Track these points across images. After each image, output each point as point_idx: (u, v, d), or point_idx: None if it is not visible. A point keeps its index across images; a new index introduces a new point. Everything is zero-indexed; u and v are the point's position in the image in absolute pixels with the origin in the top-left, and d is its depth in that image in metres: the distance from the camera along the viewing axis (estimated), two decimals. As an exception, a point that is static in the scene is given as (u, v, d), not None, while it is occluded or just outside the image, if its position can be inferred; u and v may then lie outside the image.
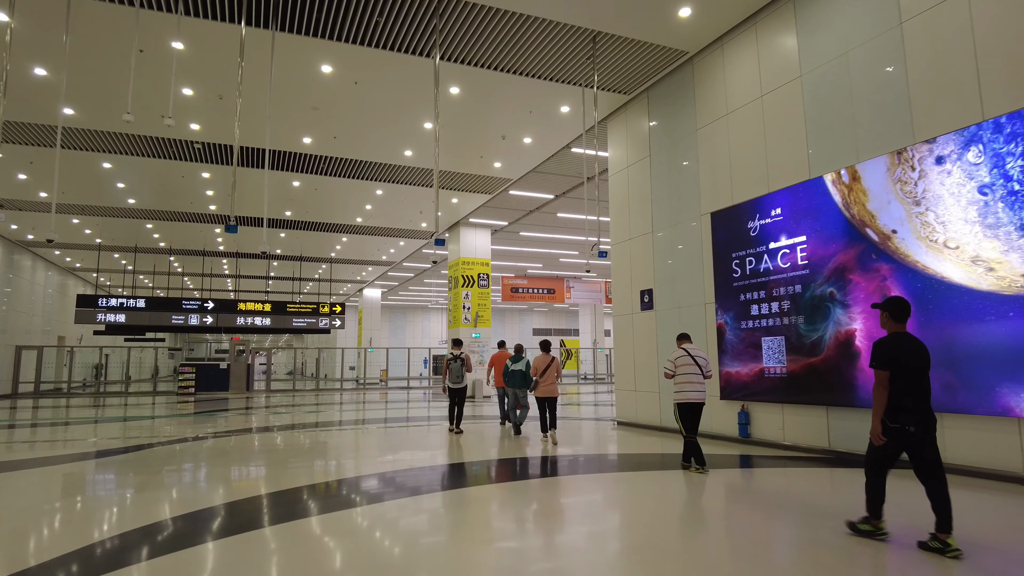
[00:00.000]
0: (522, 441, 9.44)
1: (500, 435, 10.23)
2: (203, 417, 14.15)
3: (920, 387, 4.03)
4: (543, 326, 50.95)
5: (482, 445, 9.16)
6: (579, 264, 28.04)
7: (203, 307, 23.27)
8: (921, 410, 3.99)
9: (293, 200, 17.14)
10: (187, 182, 15.44)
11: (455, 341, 11.20)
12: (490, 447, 8.98)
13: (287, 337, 58.45)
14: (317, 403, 19.06)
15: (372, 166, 14.46)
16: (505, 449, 8.74)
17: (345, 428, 11.73)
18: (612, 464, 7.63)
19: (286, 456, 8.12)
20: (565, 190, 16.43)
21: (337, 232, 21.18)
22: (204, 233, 21.22)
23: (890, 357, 4.06)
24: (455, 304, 20.46)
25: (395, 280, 32.99)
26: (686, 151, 9.94)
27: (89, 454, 8.40)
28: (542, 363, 9.33)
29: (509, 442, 9.40)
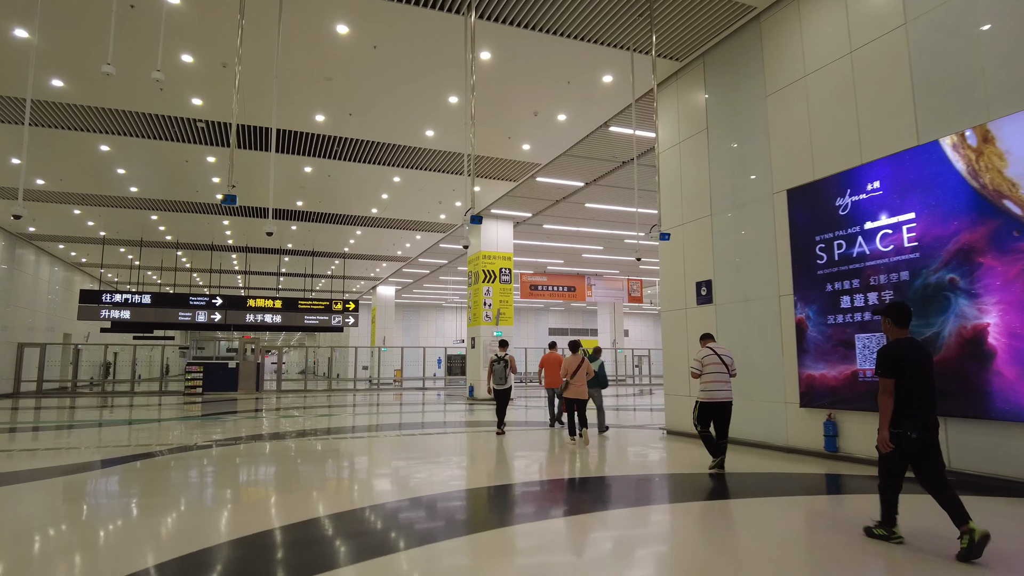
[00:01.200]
0: (605, 448, 8.24)
1: (564, 440, 9.04)
2: (210, 421, 13.04)
3: (925, 393, 4.01)
4: (559, 325, 49.69)
5: (585, 455, 7.96)
6: (602, 260, 26.80)
7: (211, 303, 22.25)
8: (924, 415, 3.98)
9: (305, 188, 16.02)
10: (192, 168, 14.35)
11: (501, 342, 10.73)
12: (589, 459, 7.78)
13: (299, 336, 57.64)
14: (335, 405, 17.94)
15: (390, 149, 13.30)
16: (606, 461, 7.54)
17: (383, 433, 10.57)
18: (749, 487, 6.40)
19: (344, 467, 6.96)
20: (597, 176, 15.19)
21: (351, 224, 20.06)
22: (212, 225, 20.18)
23: (895, 363, 4.03)
24: (475, 301, 19.28)
25: (409, 277, 31.88)
26: (752, 122, 8.69)
27: (80, 466, 7.28)
28: (573, 364, 9.11)
29: (596, 451, 8.20)
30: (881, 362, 4.11)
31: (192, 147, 13.05)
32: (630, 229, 20.59)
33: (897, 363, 4.03)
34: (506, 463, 7.64)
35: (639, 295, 31.19)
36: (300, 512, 5.06)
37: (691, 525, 4.77)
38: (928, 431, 3.97)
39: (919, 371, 4.03)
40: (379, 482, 6.52)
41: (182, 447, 8.77)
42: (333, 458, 7.99)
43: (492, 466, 7.46)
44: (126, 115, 11.44)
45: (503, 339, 10.72)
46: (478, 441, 9.65)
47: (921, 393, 4.00)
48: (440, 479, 6.61)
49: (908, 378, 4.00)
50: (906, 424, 3.99)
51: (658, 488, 6.30)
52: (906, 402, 4.00)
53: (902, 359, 4.04)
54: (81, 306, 20.82)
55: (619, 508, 5.38)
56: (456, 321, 46.48)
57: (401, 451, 8.57)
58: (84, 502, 5.58)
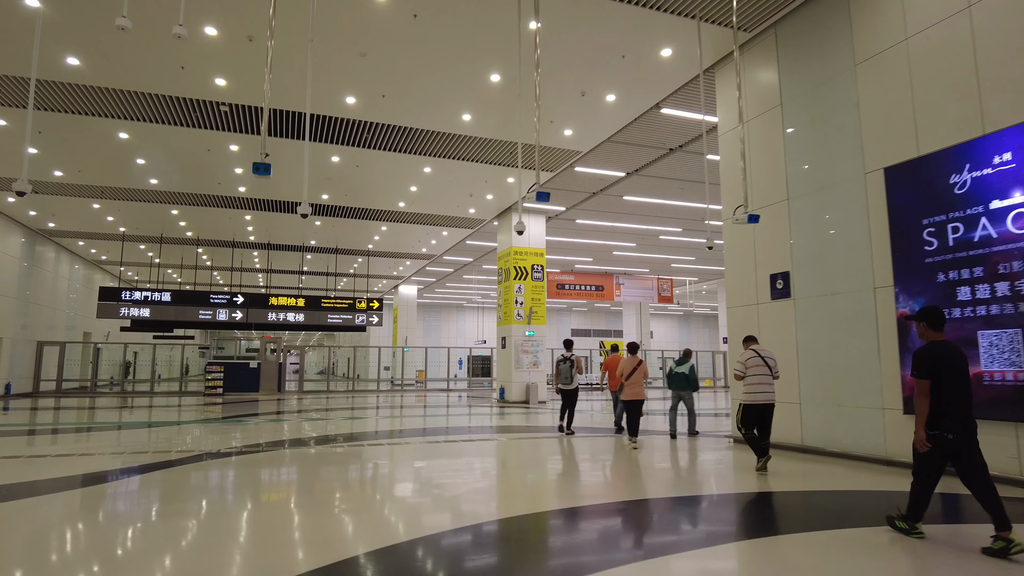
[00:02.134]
0: (722, 462, 7.35)
1: (669, 446, 8.17)
2: (231, 424, 12.32)
3: (960, 394, 4.08)
4: (582, 326, 48.74)
5: (688, 470, 7.08)
6: (633, 258, 25.82)
7: (232, 301, 21.66)
8: (961, 416, 4.04)
9: (331, 180, 15.28)
10: (214, 157, 13.66)
11: (566, 342, 10.70)
12: (700, 474, 6.90)
13: (318, 335, 57.21)
14: (366, 407, 17.18)
15: (422, 136, 12.50)
16: (696, 476, 6.66)
17: (437, 438, 9.76)
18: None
19: (435, 477, 6.15)
20: (639, 166, 14.27)
21: (376, 220, 19.31)
22: (234, 221, 19.54)
23: (931, 366, 4.11)
24: (506, 299, 18.43)
25: (432, 276, 31.13)
26: (838, 95, 7.75)
27: (94, 476, 6.53)
28: (629, 365, 9.04)
29: (711, 464, 7.32)
30: (917, 364, 4.20)
31: (214, 135, 12.34)
32: (668, 224, 19.63)
33: (932, 365, 4.11)
34: (596, 474, 6.77)
35: (669, 295, 30.19)
36: (406, 531, 4.22)
37: (828, 563, 3.86)
38: (965, 432, 4.04)
39: (954, 373, 4.09)
40: (489, 494, 5.69)
41: (202, 455, 8.00)
42: (406, 466, 7.17)
43: (580, 477, 6.59)
44: (145, 98, 10.74)
45: (568, 339, 10.68)
46: (551, 447, 8.81)
47: (956, 394, 4.07)
48: (551, 494, 5.75)
49: (944, 380, 4.07)
50: (944, 425, 4.06)
51: (791, 510, 5.39)
52: (942, 403, 4.07)
53: (937, 361, 4.11)
54: (100, 304, 20.30)
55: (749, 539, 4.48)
56: (477, 321, 45.71)
57: (480, 458, 7.74)
58: (101, 520, 4.80)
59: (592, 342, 45.78)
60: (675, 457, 8.04)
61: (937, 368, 4.10)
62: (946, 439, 4.03)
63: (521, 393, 17.61)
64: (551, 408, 16.32)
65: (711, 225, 17.40)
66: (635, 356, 9.18)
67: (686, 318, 52.34)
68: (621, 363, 9.29)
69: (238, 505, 5.27)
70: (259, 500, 5.46)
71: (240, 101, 10.91)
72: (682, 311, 49.38)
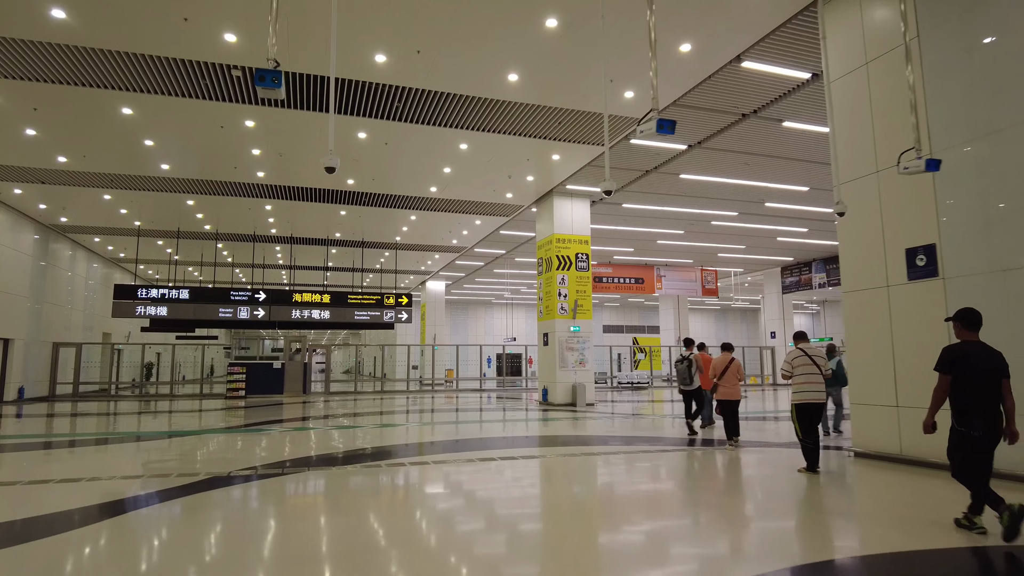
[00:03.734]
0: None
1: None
2: (253, 436, 10.93)
3: (986, 392, 4.16)
4: (614, 322, 46.98)
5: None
6: (677, 248, 24.05)
7: (253, 298, 20.38)
8: (987, 414, 4.13)
9: (358, 161, 13.83)
10: (228, 136, 12.30)
11: (686, 340, 10.33)
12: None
13: (344, 334, 56.28)
14: (399, 409, 15.75)
15: (460, 104, 10.96)
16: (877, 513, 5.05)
17: (545, 452, 8.25)
18: None
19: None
20: (704, 137, 12.58)
21: (406, 208, 17.86)
22: (254, 212, 18.25)
23: (953, 362, 4.29)
24: (547, 291, 16.85)
25: (462, 270, 29.68)
26: (997, 17, 6.03)
27: (112, 505, 5.12)
28: (721, 363, 8.92)
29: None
30: (940, 359, 4.38)
31: (227, 108, 10.96)
32: (722, 207, 17.87)
33: (955, 362, 4.29)
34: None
35: (714, 287, 28.41)
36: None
37: None
38: (991, 430, 4.15)
39: (977, 372, 4.19)
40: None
41: (213, 479, 6.56)
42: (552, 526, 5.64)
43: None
44: (146, 63, 9.36)
45: (688, 337, 10.23)
46: (717, 464, 7.23)
47: (980, 393, 4.18)
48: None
49: (968, 378, 4.21)
50: (971, 423, 4.18)
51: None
52: (966, 399, 4.22)
53: (962, 359, 4.27)
54: (116, 302, 19.14)
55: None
56: (506, 318, 44.23)
57: (645, 480, 6.20)
58: None
59: (624, 339, 44.04)
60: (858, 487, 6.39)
61: (961, 365, 4.25)
62: (972, 436, 4.17)
63: (567, 394, 16.02)
64: (604, 412, 14.72)
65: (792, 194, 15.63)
66: (728, 354, 9.06)
67: (723, 313, 50.27)
68: (713, 362, 9.22)
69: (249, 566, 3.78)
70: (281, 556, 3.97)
71: (253, 63, 9.48)
72: (719, 305, 47.35)
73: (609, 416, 13.63)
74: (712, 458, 7.85)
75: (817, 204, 17.64)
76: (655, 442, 9.45)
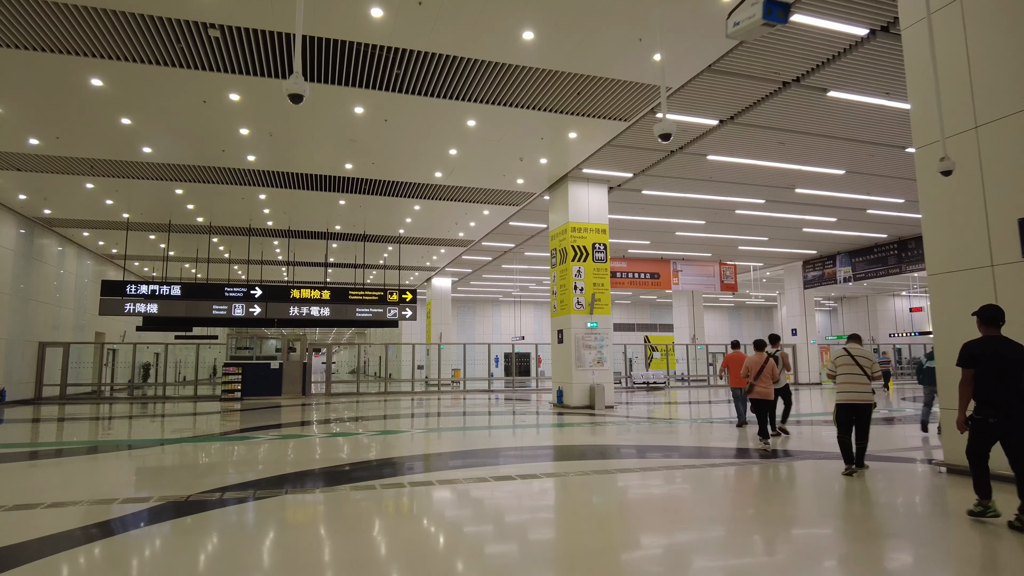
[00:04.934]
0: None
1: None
2: (244, 445, 9.79)
3: (998, 384, 4.42)
4: (624, 320, 45.66)
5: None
6: (696, 241, 22.77)
7: (249, 295, 19.26)
8: (1005, 403, 4.37)
9: (356, 142, 12.65)
10: (212, 112, 11.14)
11: (771, 337, 9.86)
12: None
13: (349, 333, 55.27)
14: (409, 413, 14.58)
15: (468, 70, 9.74)
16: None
17: (607, 467, 7.06)
18: None
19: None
20: (738, 110, 11.33)
21: (409, 196, 16.68)
22: (247, 202, 17.11)
23: (971, 356, 4.58)
24: (562, 284, 15.63)
25: (469, 266, 28.47)
26: None
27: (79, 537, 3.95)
28: (755, 363, 8.96)
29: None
30: (959, 355, 4.68)
31: (207, 77, 9.79)
32: (749, 194, 16.61)
33: (971, 356, 4.59)
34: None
35: (732, 282, 27.13)
36: None
37: None
38: (1008, 418, 4.37)
39: (992, 366, 4.45)
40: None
41: (167, 506, 5.38)
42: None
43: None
44: (113, 20, 8.19)
45: (774, 334, 9.95)
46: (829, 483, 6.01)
47: (993, 384, 4.43)
48: None
49: (982, 371, 4.49)
50: (985, 411, 4.46)
51: None
52: (985, 391, 4.47)
53: (978, 354, 4.55)
54: (103, 299, 18.06)
55: None
56: (514, 317, 43.02)
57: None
58: None
59: (635, 337, 42.75)
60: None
61: (978, 359, 4.53)
62: (988, 423, 4.44)
63: (584, 396, 14.79)
64: (627, 416, 13.50)
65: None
66: (762, 353, 9.05)
67: (736, 310, 48.92)
68: (746, 361, 9.16)
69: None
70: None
71: (234, 21, 8.30)
72: (733, 303, 46.00)
73: (635, 420, 12.40)
74: (794, 474, 6.63)
75: (851, 190, 16.36)
76: (705, 454, 8.22)
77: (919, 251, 21.87)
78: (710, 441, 9.47)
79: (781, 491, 5.90)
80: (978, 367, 4.51)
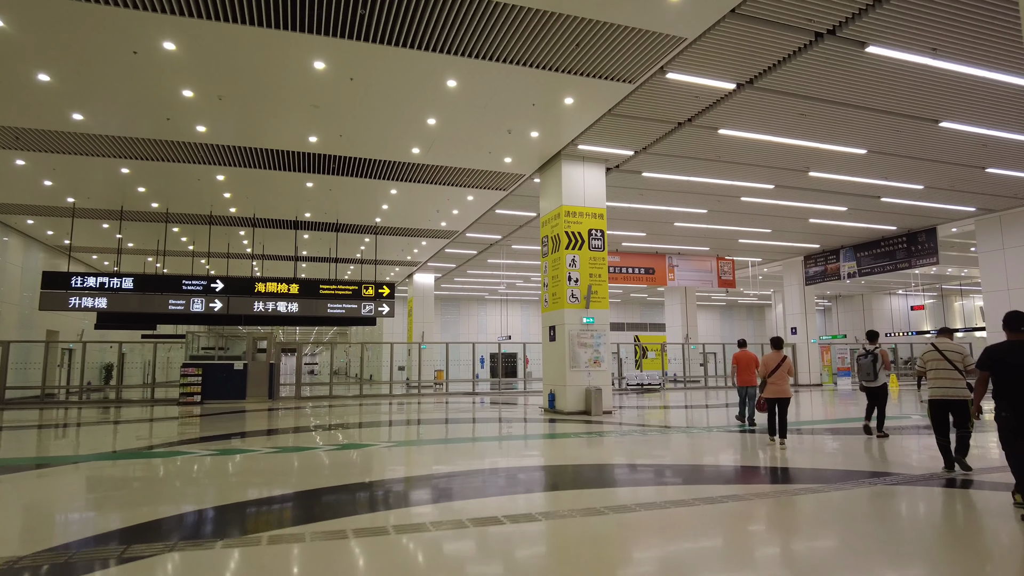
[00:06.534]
0: None
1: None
2: (187, 462, 8.10)
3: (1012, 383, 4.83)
4: (614, 319, 43.99)
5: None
6: (694, 232, 21.30)
7: (210, 288, 17.52)
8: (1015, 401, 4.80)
9: (319, 107, 10.99)
10: (145, 67, 9.43)
11: (870, 334, 9.72)
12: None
13: (332, 332, 53.33)
14: (383, 421, 12.92)
15: (449, 11, 8.14)
16: None
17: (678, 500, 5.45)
18: None
19: None
20: (758, 72, 9.81)
21: (384, 178, 15.02)
22: (204, 183, 15.35)
23: (988, 358, 5.07)
24: (554, 275, 14.05)
25: (452, 260, 26.82)
26: None
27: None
28: (772, 361, 8.82)
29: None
30: (979, 357, 5.21)
31: (133, 17, 8.08)
32: (757, 178, 15.13)
33: (989, 359, 5.07)
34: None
35: (731, 277, 25.72)
36: None
37: None
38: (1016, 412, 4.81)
39: (1008, 368, 4.88)
40: None
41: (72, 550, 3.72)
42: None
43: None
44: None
45: (872, 330, 9.81)
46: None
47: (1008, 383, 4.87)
48: None
49: (998, 372, 4.96)
50: (1000, 406, 4.95)
51: None
52: (1001, 389, 4.94)
53: (997, 356, 5.00)
54: (44, 293, 16.28)
55: None
56: (501, 315, 41.42)
57: None
58: None
59: (625, 336, 41.28)
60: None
61: (996, 361, 4.99)
62: (1002, 416, 4.91)
63: (578, 400, 13.21)
64: (631, 422, 11.96)
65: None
66: (779, 352, 8.98)
67: (728, 309, 47.70)
68: (764, 359, 9.08)
69: None
70: None
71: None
72: (725, 302, 44.72)
73: (641, 429, 10.85)
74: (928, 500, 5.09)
75: (869, 173, 14.94)
76: (754, 478, 6.68)
77: (930, 244, 20.58)
78: (742, 455, 7.94)
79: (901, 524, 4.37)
80: (995, 369, 4.96)
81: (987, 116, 11.42)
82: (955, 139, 12.58)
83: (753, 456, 7.84)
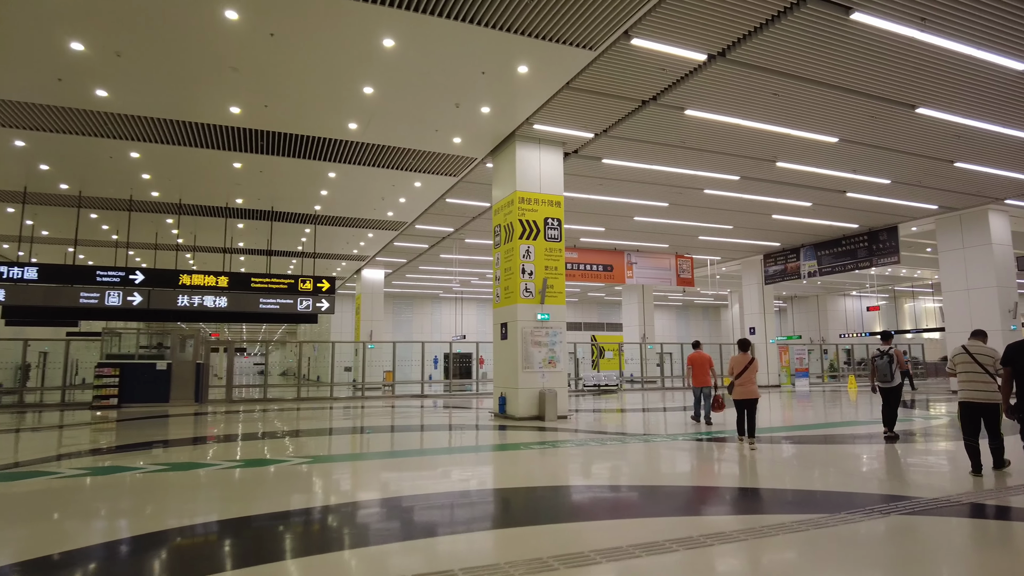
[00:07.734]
0: None
1: None
2: (76, 486, 6.60)
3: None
4: (570, 319, 43.36)
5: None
6: (654, 228, 20.46)
7: (128, 279, 15.71)
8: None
9: (238, 70, 9.55)
10: (19, 12, 7.88)
11: (883, 334, 9.37)
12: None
13: (282, 330, 51.14)
14: (315, 429, 11.49)
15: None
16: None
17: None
18: None
19: None
20: (737, 38, 8.86)
21: (320, 159, 13.61)
22: (118, 162, 13.64)
23: (1008, 357, 5.71)
24: (507, 267, 12.89)
25: (403, 255, 25.39)
26: None
27: None
28: (739, 363, 8.67)
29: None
30: (1002, 355, 5.83)
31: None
32: (723, 168, 14.29)
33: (1008, 357, 5.70)
34: None
35: (689, 276, 25.05)
36: None
37: None
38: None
39: None
40: None
41: None
42: None
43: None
44: None
45: (887, 331, 9.69)
46: None
47: None
48: None
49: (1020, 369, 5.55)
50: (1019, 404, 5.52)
51: None
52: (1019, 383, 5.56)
53: (1014, 355, 5.65)
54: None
55: None
56: (455, 314, 40.08)
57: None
58: None
59: (582, 336, 40.46)
60: None
61: (1014, 360, 5.57)
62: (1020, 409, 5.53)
63: (531, 405, 12.07)
64: (589, 429, 10.88)
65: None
66: (746, 353, 8.76)
67: (684, 309, 47.45)
68: (732, 361, 8.87)
69: None
70: None
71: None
72: (682, 302, 44.40)
73: (599, 437, 9.76)
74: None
75: (837, 166, 14.28)
76: (737, 505, 5.62)
77: (891, 242, 20.23)
78: (742, 477, 6.91)
79: None
80: (1014, 367, 5.48)
81: (966, 102, 10.76)
82: (930, 128, 11.93)
83: (730, 472, 6.83)
